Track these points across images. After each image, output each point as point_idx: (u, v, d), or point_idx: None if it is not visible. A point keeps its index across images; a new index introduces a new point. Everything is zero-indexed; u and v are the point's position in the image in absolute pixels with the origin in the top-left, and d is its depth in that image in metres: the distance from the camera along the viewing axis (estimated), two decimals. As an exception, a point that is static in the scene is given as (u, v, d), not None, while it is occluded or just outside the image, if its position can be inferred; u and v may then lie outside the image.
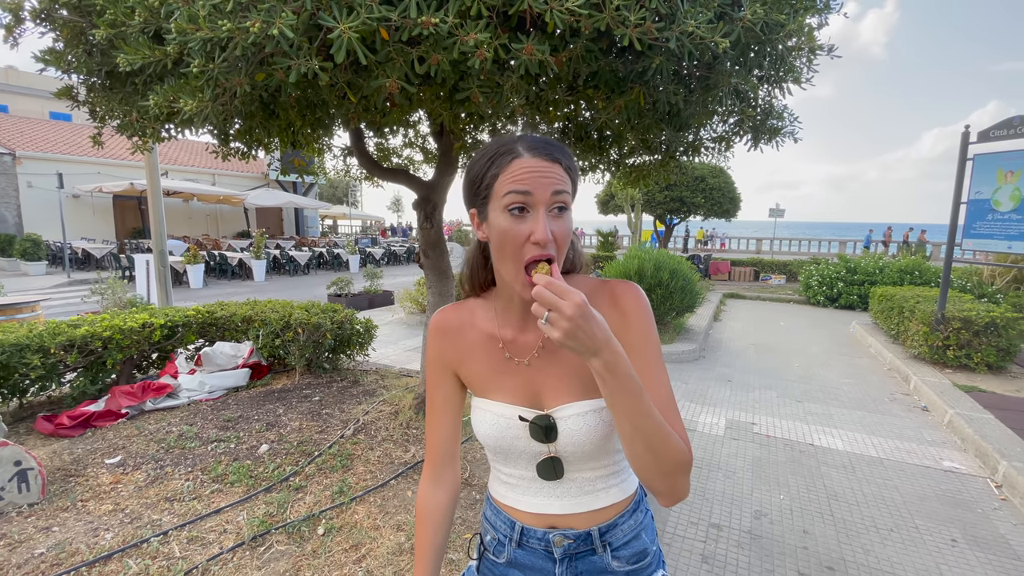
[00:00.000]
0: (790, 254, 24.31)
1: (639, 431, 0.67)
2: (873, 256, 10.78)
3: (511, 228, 0.72)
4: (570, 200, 0.74)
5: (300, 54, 1.31)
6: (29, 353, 3.44)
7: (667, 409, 0.76)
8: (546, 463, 0.83)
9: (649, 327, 0.80)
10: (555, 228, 0.72)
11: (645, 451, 0.69)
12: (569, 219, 0.75)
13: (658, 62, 1.53)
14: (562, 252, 0.73)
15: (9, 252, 14.69)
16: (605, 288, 0.83)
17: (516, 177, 0.71)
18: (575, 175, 0.77)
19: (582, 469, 0.85)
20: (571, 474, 0.85)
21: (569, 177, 0.75)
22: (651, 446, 0.68)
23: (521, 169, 0.71)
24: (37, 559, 2.09)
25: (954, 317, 5.34)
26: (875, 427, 4.16)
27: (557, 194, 0.72)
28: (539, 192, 0.71)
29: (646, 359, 0.78)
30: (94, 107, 2.42)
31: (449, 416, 0.92)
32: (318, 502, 2.58)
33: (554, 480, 0.85)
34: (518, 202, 0.71)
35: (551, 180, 0.71)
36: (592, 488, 0.86)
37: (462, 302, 0.93)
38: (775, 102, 2.36)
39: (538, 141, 0.74)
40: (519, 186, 0.71)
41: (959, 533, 2.72)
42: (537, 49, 1.35)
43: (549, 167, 0.72)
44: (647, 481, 0.73)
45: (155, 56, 1.52)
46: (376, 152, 3.97)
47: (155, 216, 6.12)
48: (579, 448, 0.81)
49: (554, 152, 0.74)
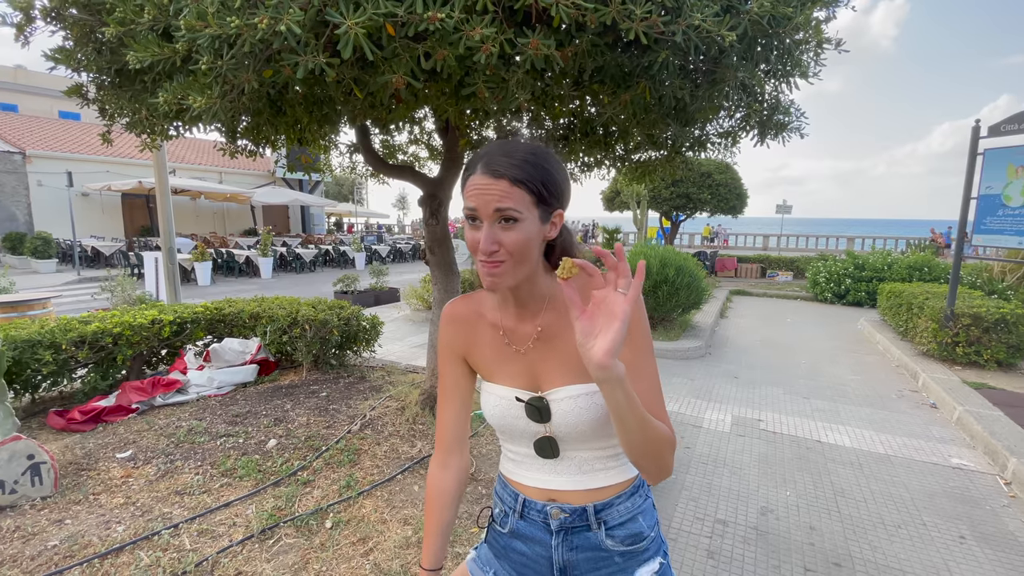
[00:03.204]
0: (797, 250, 24.15)
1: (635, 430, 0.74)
2: (881, 252, 10.69)
3: (468, 235, 0.81)
4: (521, 212, 0.78)
5: (307, 50, 1.32)
6: (41, 349, 3.49)
7: (653, 396, 0.83)
8: (542, 441, 0.90)
9: (641, 317, 0.84)
10: (502, 238, 0.78)
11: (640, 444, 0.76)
12: (520, 231, 0.78)
13: (664, 56, 1.53)
14: (515, 258, 0.79)
15: (20, 250, 14.86)
16: None
17: (468, 193, 0.80)
18: (532, 187, 0.79)
19: (579, 449, 0.90)
20: (568, 453, 0.90)
21: (522, 189, 0.78)
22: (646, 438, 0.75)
23: (471, 187, 0.80)
24: (50, 551, 2.13)
25: (964, 314, 5.29)
26: (883, 424, 4.14)
27: (499, 210, 0.77)
28: (483, 208, 0.78)
29: (637, 349, 0.83)
30: (103, 105, 2.44)
31: (458, 400, 0.99)
32: (326, 496, 2.61)
33: (552, 458, 0.91)
34: (470, 215, 0.80)
35: (492, 197, 0.77)
36: (590, 468, 0.91)
37: (472, 294, 1.00)
38: (782, 97, 2.35)
39: (495, 157, 0.79)
40: (467, 201, 0.80)
41: (967, 530, 2.70)
42: (543, 44, 1.35)
43: (492, 184, 0.78)
44: (634, 462, 0.79)
45: (164, 54, 1.53)
46: (382, 149, 3.98)
47: (163, 214, 6.17)
48: (572, 428, 0.87)
49: (501, 168, 0.78)
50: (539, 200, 0.80)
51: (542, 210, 0.81)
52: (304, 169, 3.93)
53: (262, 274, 13.90)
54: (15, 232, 15.34)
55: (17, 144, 16.44)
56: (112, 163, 17.72)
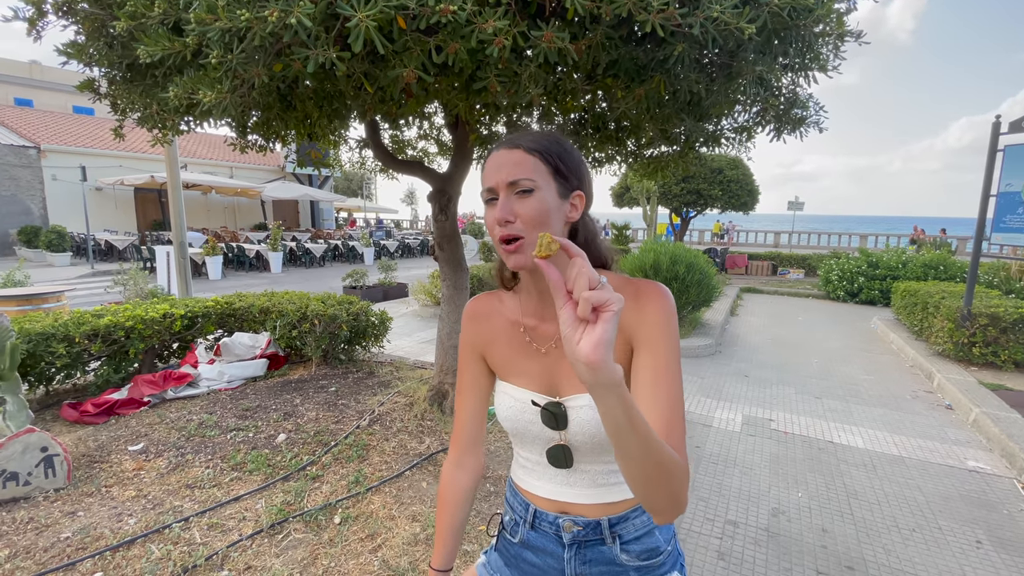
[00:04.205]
0: (809, 248, 23.87)
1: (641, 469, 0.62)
2: (895, 250, 10.53)
3: (486, 217, 0.79)
4: (536, 181, 0.76)
5: (318, 44, 1.30)
6: (55, 342, 3.53)
7: (671, 419, 0.71)
8: (556, 450, 0.85)
9: (666, 324, 0.77)
10: (517, 208, 0.75)
11: (643, 483, 0.64)
12: (536, 199, 0.75)
13: (680, 49, 1.49)
14: (531, 232, 0.75)
15: (35, 243, 15.06)
16: (631, 286, 0.81)
17: (484, 173, 0.79)
18: (547, 157, 0.78)
19: (594, 461, 0.85)
20: (582, 465, 0.86)
21: (537, 159, 0.76)
22: (649, 479, 0.63)
23: (487, 166, 0.79)
24: (63, 543, 2.15)
25: (981, 313, 5.19)
26: (897, 425, 4.07)
27: (513, 182, 0.75)
28: (498, 181, 0.76)
29: (657, 357, 0.75)
30: (115, 100, 2.45)
31: (475, 398, 0.96)
32: (335, 491, 2.61)
33: (564, 468, 0.86)
34: (488, 195, 0.78)
35: (506, 167, 0.76)
36: (605, 481, 0.86)
37: (494, 292, 0.97)
38: (799, 91, 2.30)
39: (510, 136, 0.80)
40: (484, 181, 0.79)
41: (984, 535, 2.65)
42: (557, 36, 1.32)
43: (507, 155, 0.77)
44: (636, 492, 0.67)
45: (174, 48, 1.52)
46: (391, 144, 3.97)
47: (175, 208, 6.21)
48: (589, 439, 0.82)
49: (516, 140, 0.78)
50: (556, 172, 0.78)
51: (560, 184, 0.78)
52: (314, 164, 3.93)
53: (272, 268, 13.99)
54: (30, 225, 15.55)
55: (32, 139, 16.65)
56: (125, 158, 17.89)
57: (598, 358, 0.53)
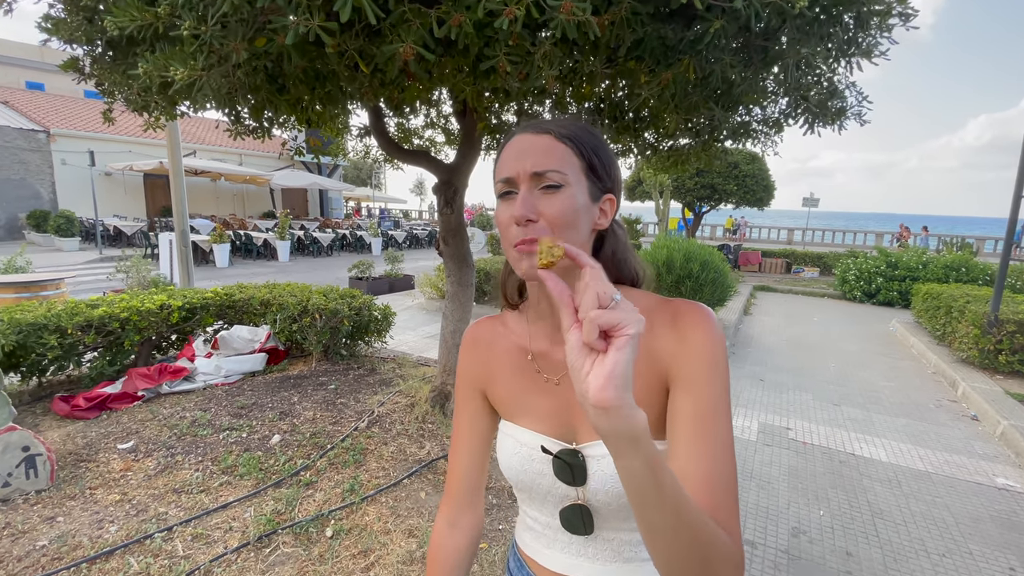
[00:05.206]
0: (824, 245, 23.41)
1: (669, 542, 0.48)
2: (916, 250, 10.21)
3: (499, 213, 0.63)
4: (566, 175, 0.61)
5: (299, 11, 1.12)
6: (46, 333, 3.41)
7: (717, 482, 0.55)
8: (572, 511, 0.67)
9: (712, 357, 0.61)
10: (542, 206, 0.60)
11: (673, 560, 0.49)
12: (566, 196, 0.60)
13: (717, 26, 1.30)
14: (558, 233, 0.60)
15: (44, 228, 15.08)
16: (667, 308, 0.65)
17: (502, 161, 0.64)
18: (582, 148, 0.62)
19: (619, 528, 0.67)
20: (605, 532, 0.68)
21: (570, 149, 0.62)
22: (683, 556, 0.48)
23: (506, 152, 0.64)
24: (39, 552, 2.02)
25: (1009, 319, 4.95)
26: (921, 437, 3.87)
27: (538, 173, 0.60)
28: (519, 171, 0.61)
29: (700, 400, 0.59)
30: (100, 80, 2.29)
31: (474, 444, 0.78)
32: (328, 500, 2.47)
33: (583, 535, 0.68)
34: (504, 187, 0.63)
35: (532, 154, 0.61)
36: (632, 555, 0.68)
37: (498, 315, 0.82)
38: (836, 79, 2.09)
39: (538, 121, 0.65)
40: (501, 170, 0.63)
41: (1017, 561, 2.47)
42: (577, 7, 1.13)
43: (533, 140, 0.62)
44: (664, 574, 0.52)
45: (145, 19, 1.35)
46: (396, 133, 3.79)
47: (176, 195, 6.07)
48: (614, 500, 0.64)
49: (546, 124, 0.64)
50: (589, 168, 0.62)
51: (592, 184, 0.63)
52: (313, 152, 3.76)
53: (279, 257, 13.90)
54: (39, 210, 15.56)
55: (42, 123, 16.62)
56: (135, 143, 17.83)
57: (608, 398, 0.41)
